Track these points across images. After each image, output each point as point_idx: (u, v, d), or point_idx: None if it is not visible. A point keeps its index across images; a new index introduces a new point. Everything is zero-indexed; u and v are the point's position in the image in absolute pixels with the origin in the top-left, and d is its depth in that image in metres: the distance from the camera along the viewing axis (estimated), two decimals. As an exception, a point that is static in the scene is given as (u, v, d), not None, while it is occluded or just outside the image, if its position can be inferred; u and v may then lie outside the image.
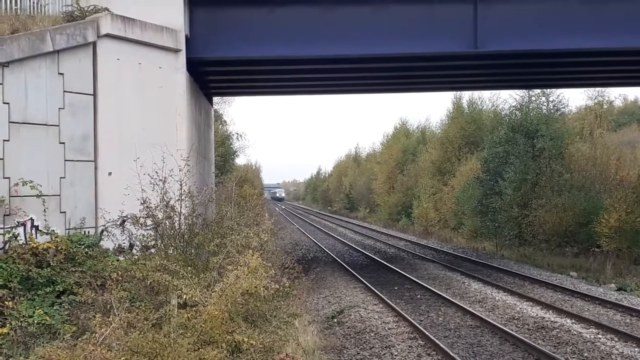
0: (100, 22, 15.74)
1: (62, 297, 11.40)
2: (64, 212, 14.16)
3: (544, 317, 16.74)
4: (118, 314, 8.57)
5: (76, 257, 12.39)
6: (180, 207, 11.96)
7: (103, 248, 13.55)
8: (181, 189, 12.20)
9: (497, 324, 15.57)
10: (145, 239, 12.08)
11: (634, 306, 17.93)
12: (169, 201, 11.75)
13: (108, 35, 15.85)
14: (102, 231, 14.40)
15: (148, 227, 12.78)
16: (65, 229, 13.95)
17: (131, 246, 14.04)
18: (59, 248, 12.29)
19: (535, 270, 25.80)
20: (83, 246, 13.00)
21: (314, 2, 19.29)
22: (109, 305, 9.36)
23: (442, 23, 19.46)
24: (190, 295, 9.05)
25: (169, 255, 10.81)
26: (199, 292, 9.14)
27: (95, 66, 15.55)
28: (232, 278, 8.91)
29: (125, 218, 14.09)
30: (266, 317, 9.74)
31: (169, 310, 9.44)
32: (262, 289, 9.00)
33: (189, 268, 9.99)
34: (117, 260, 12.90)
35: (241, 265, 9.18)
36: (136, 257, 12.57)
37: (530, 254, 30.03)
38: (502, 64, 22.73)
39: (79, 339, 9.09)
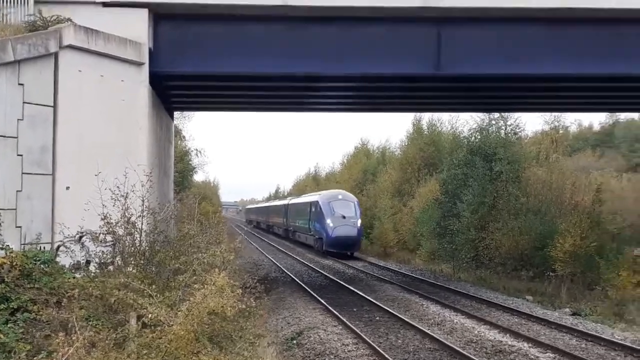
0: (63, 32, 15.48)
1: (16, 315, 11.03)
2: (20, 226, 13.81)
3: (501, 341, 16.83)
4: (81, 333, 8.31)
5: (32, 274, 12.04)
6: (142, 223, 11.73)
7: (59, 264, 13.20)
8: (143, 205, 11.97)
9: (455, 347, 15.59)
10: (104, 255, 11.80)
11: (589, 331, 18.15)
12: (130, 217, 11.51)
13: (70, 47, 15.60)
14: (59, 247, 14.05)
15: (106, 244, 12.49)
16: (21, 244, 13.59)
17: (87, 263, 13.71)
18: (14, 264, 11.92)
19: (492, 293, 26.00)
20: (39, 262, 12.65)
21: (280, 20, 19.25)
22: (69, 324, 9.08)
23: (407, 45, 19.60)
24: (155, 314, 8.84)
25: (128, 273, 10.56)
26: (164, 311, 8.95)
27: (57, 77, 15.27)
28: (200, 297, 8.75)
29: (82, 234, 13.76)
30: (232, 337, 9.59)
31: (129, 329, 9.21)
32: (229, 308, 8.86)
33: (153, 286, 9.78)
34: (74, 277, 12.57)
35: (208, 284, 9.02)
36: (93, 274, 12.27)
37: (486, 277, 30.27)
38: (463, 86, 23.01)
39: (34, 358, 8.81)
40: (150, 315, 8.90)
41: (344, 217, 42.51)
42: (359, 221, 43.34)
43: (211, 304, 8.69)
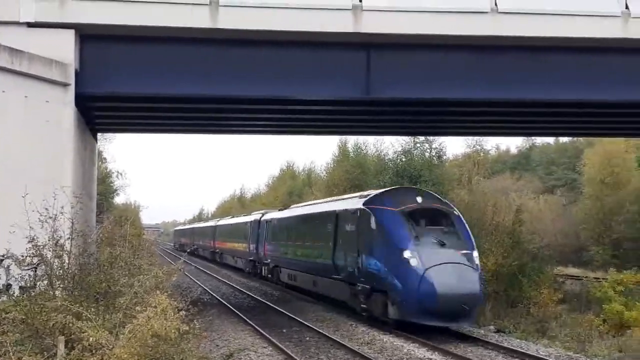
0: (-14, 52, 15.08)
1: None
2: (-63, 250, 13.26)
3: (431, 359, 17.09)
4: (19, 358, 8.03)
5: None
6: (71, 246, 11.46)
7: (-20, 289, 12.75)
8: (72, 226, 11.71)
9: (387, 366, 15.74)
10: (31, 279, 11.47)
11: (514, 347, 18.62)
12: (58, 240, 11.24)
13: (-7, 67, 15.20)
14: (-24, 271, 13.57)
15: (27, 267, 12.13)
16: (-62, 269, 13.05)
17: (8, 286, 13.28)
18: None
19: (419, 312, 26.26)
20: (-43, 287, 12.18)
21: (207, 42, 19.15)
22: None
23: (336, 69, 19.82)
24: (96, 338, 8.62)
25: (62, 296, 10.30)
26: (105, 334, 8.74)
27: (-21, 98, 14.84)
28: (143, 319, 8.59)
29: (2, 257, 13.35)
30: (175, 360, 9.44)
31: (59, 355, 8.96)
32: (172, 331, 8.73)
33: (91, 309, 9.55)
34: (-6, 302, 12.13)
35: (151, 306, 8.87)
36: (15, 298, 11.90)
37: (413, 296, 30.61)
38: (391, 110, 23.40)
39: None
40: (90, 339, 8.66)
41: (442, 243, 20.18)
42: (476, 253, 20.66)
43: (155, 326, 8.54)
